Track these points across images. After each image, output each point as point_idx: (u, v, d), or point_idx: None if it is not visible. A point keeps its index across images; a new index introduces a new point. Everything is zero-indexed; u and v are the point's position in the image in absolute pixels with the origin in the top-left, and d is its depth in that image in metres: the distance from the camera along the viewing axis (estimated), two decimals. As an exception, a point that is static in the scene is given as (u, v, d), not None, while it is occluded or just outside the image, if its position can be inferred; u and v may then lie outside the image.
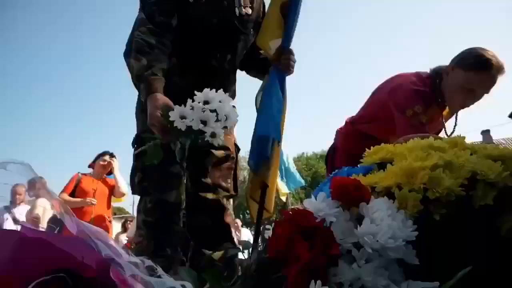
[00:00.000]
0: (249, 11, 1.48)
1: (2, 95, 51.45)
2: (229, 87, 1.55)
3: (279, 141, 1.41)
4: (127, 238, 4.75)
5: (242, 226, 7.44)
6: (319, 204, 0.59)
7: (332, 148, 2.04)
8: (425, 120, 1.52)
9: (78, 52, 55.07)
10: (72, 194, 3.51)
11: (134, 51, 1.26)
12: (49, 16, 55.90)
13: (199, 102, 0.92)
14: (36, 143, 52.37)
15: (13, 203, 4.10)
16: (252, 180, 1.43)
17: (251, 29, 1.51)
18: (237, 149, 1.59)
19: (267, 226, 0.65)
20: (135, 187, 1.42)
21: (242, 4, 1.46)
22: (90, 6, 58.50)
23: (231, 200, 1.59)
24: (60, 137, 53.13)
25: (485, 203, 0.64)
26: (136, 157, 1.43)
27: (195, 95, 1.02)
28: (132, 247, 4.27)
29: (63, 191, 3.53)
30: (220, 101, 0.93)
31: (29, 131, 52.44)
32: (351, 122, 1.95)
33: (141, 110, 1.47)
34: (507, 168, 0.67)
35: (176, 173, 1.39)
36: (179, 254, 1.44)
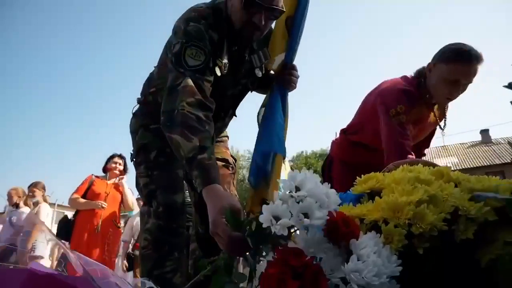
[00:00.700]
0: (269, 65, 1.49)
1: (2, 94, 51.29)
2: (225, 128, 1.61)
3: (284, 156, 1.43)
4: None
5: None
6: (310, 241, 0.63)
7: (328, 159, 2.08)
8: (405, 119, 1.60)
9: (78, 52, 55.04)
10: (84, 195, 3.57)
11: (181, 126, 1.07)
12: (48, 16, 55.73)
13: (289, 192, 0.68)
14: (35, 143, 52.40)
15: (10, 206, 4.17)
16: (252, 195, 1.46)
17: None
18: (234, 159, 1.64)
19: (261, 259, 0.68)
20: (142, 191, 1.44)
21: (263, 59, 1.45)
22: (89, 5, 58.37)
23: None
24: (60, 137, 53.17)
25: (466, 237, 0.67)
26: (139, 163, 1.46)
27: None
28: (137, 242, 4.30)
29: (75, 192, 3.59)
30: (311, 181, 0.69)
31: (28, 132, 52.44)
32: (344, 132, 2.01)
33: (139, 125, 1.50)
34: (488, 204, 0.71)
35: (181, 176, 1.43)
36: (185, 256, 1.48)
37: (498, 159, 21.72)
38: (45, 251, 4.08)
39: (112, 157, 3.90)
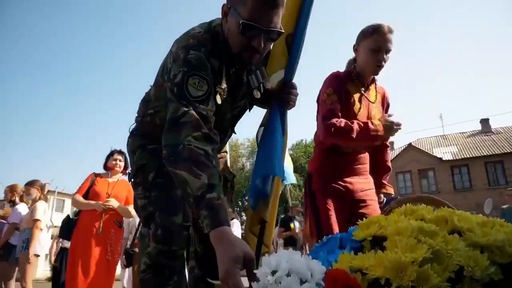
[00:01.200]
0: (267, 85, 1.46)
1: (4, 81, 50.70)
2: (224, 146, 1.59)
3: (283, 179, 1.41)
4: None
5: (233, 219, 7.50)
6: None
7: (307, 177, 2.08)
8: (337, 98, 1.87)
9: (76, 50, 54.48)
10: (86, 195, 3.51)
11: (188, 161, 1.02)
12: (49, 15, 54.84)
13: (267, 277, 0.65)
14: (35, 130, 52.31)
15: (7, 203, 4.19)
16: (251, 216, 1.44)
17: None
18: (232, 175, 1.62)
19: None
20: (140, 213, 1.42)
21: (261, 79, 1.42)
22: (89, 3, 57.51)
23: (234, 221, 1.62)
24: (60, 122, 53.05)
25: (470, 297, 0.66)
26: (137, 184, 1.44)
27: None
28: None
29: (77, 191, 3.56)
30: (285, 259, 0.66)
31: (28, 118, 52.26)
32: (315, 146, 2.09)
33: (137, 145, 1.48)
34: (493, 259, 0.69)
35: (180, 196, 1.41)
36: (185, 277, 1.48)
37: (498, 149, 21.72)
38: (42, 251, 4.10)
39: (111, 154, 3.81)
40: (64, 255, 4.68)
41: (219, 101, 1.26)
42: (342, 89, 1.90)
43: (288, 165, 7.60)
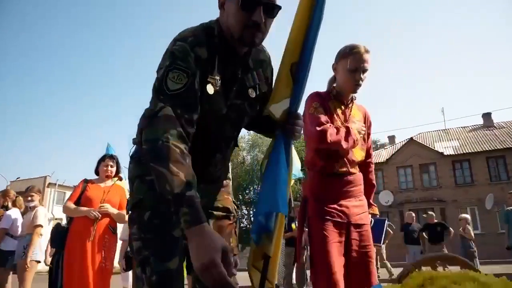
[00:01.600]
0: (265, 87, 1.41)
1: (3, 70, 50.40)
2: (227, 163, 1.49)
3: (286, 215, 1.35)
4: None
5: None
6: None
7: (303, 200, 2.05)
8: (322, 111, 1.96)
9: (76, 44, 54.11)
10: (78, 201, 3.41)
11: (167, 159, 1.03)
12: (51, 12, 54.28)
13: None
14: (35, 121, 52.27)
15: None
16: (254, 251, 1.36)
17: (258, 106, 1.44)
18: (236, 206, 1.52)
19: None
20: (135, 255, 1.32)
21: (258, 81, 1.37)
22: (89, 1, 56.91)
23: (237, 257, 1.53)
24: (60, 114, 53.01)
25: None
26: (133, 221, 1.35)
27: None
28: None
29: (68, 199, 3.49)
30: None
31: (27, 110, 52.16)
32: (308, 169, 2.09)
33: (136, 175, 1.39)
34: None
35: (177, 237, 1.31)
36: None
37: (500, 144, 21.58)
38: (42, 257, 4.05)
39: (102, 159, 3.70)
40: (60, 256, 4.62)
41: (211, 91, 1.24)
42: (325, 106, 2.00)
43: (296, 161, 7.55)
